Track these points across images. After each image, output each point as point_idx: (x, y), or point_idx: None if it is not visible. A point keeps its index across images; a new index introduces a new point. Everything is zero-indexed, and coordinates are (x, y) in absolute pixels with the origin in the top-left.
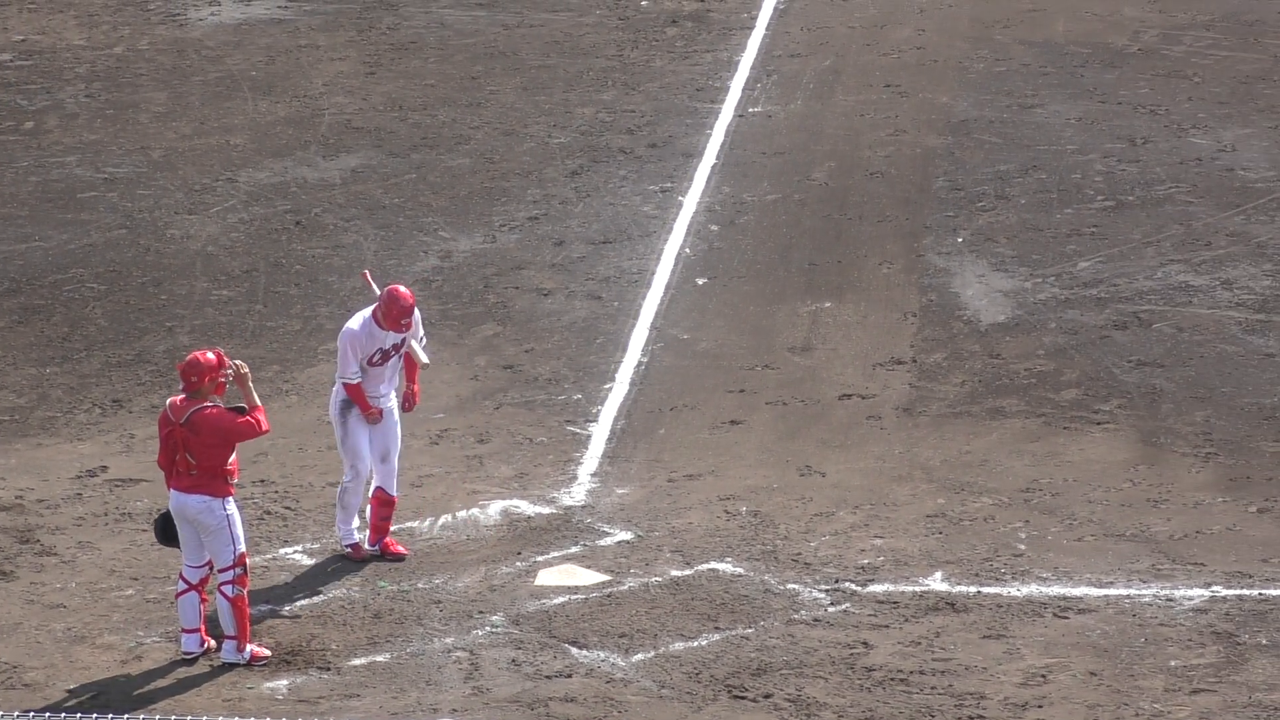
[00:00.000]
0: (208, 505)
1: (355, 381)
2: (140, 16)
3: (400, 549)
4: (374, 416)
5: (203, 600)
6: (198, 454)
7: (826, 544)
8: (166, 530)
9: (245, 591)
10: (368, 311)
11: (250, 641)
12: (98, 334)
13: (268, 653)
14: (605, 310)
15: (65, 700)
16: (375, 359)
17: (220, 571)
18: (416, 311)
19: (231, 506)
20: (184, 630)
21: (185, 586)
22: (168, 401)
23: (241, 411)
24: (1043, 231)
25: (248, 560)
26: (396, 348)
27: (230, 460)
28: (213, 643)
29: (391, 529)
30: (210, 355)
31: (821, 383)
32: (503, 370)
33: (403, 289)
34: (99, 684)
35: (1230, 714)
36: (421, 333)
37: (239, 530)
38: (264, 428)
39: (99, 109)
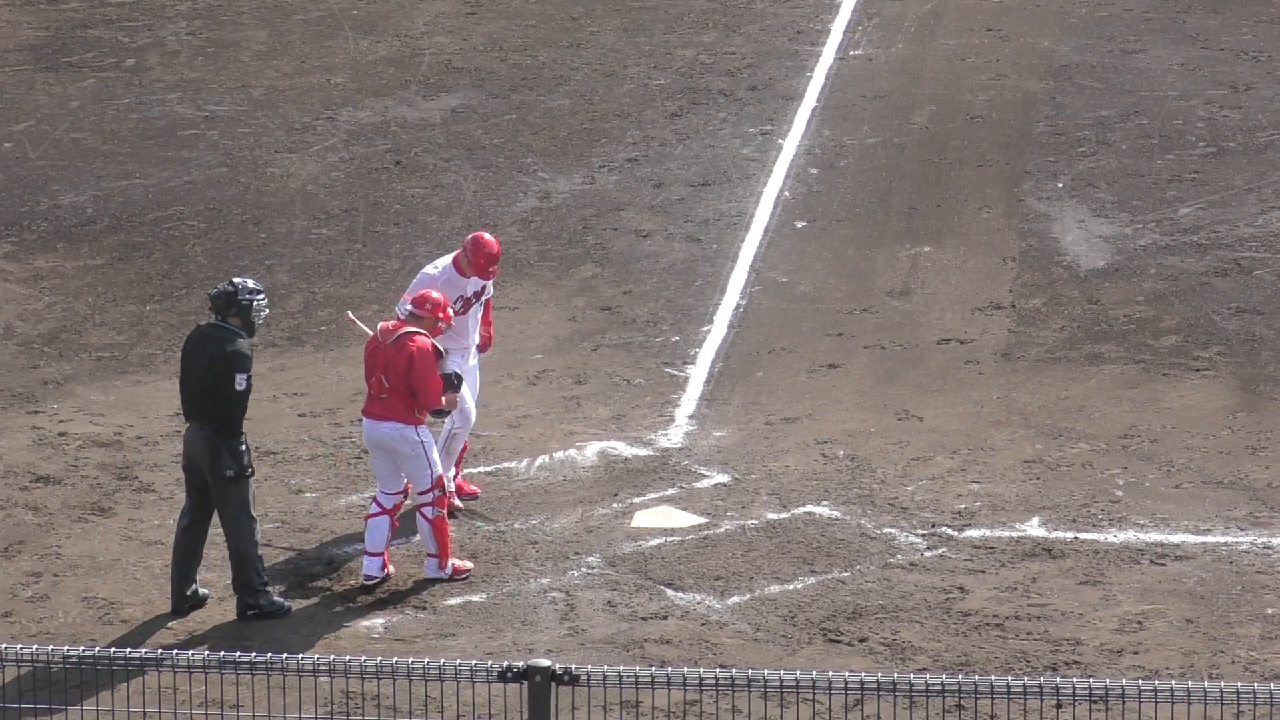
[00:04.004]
0: (400, 433)
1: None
2: None
3: (473, 488)
4: None
5: (393, 525)
6: (392, 377)
7: (923, 489)
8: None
9: (445, 512)
10: (448, 258)
11: (451, 557)
12: (197, 271)
13: (470, 565)
14: (704, 252)
15: (161, 636)
16: (458, 308)
17: (420, 494)
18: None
19: (425, 434)
20: (366, 553)
21: (379, 510)
22: (379, 326)
23: (444, 380)
24: (1143, 177)
25: (445, 481)
26: (478, 295)
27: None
28: (392, 569)
29: (486, 470)
30: (439, 296)
31: (920, 327)
32: (601, 312)
33: (488, 236)
34: (195, 621)
35: None
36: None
37: (434, 455)
38: (439, 402)
39: (200, 46)
